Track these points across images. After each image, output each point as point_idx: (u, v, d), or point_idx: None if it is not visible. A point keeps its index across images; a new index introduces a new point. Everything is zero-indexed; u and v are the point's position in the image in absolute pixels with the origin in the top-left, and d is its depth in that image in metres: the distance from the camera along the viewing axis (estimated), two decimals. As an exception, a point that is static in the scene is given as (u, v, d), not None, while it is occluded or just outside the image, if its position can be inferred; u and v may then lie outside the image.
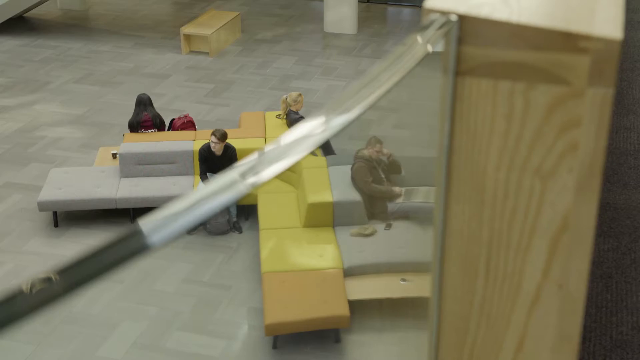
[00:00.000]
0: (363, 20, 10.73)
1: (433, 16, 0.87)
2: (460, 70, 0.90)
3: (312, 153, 5.99)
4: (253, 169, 0.60)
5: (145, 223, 0.54)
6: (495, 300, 0.97)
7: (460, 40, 0.88)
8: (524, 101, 0.90)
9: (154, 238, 0.53)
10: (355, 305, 4.81)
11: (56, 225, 6.16)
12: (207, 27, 9.85)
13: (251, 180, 0.59)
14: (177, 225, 0.54)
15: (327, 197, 5.62)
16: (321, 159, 6.30)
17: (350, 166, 5.73)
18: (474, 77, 0.90)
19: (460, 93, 0.92)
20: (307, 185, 5.81)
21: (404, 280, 4.96)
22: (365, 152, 5.69)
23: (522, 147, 0.91)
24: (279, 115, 6.99)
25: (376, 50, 9.90)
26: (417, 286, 4.94)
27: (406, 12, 11.70)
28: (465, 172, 0.94)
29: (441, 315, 1.02)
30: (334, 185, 5.74)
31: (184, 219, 0.55)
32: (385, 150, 5.74)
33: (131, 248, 0.53)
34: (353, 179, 5.67)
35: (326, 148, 6.21)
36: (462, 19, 0.87)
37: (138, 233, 0.53)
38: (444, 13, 0.87)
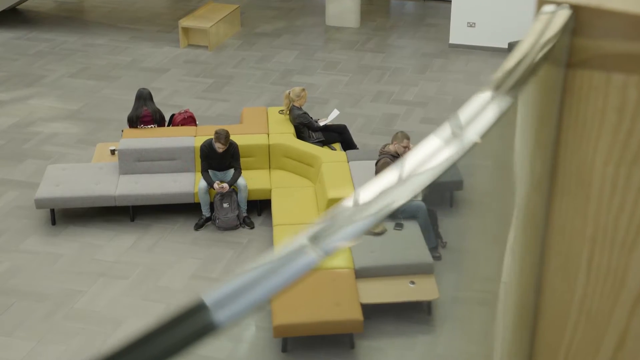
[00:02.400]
0: (366, 14, 10.58)
1: (548, 7, 0.86)
2: (571, 62, 0.88)
3: (331, 147, 5.77)
4: (328, 233, 0.53)
5: (210, 297, 0.47)
6: (596, 298, 0.96)
7: (574, 31, 0.87)
8: (637, 94, 0.87)
9: (221, 316, 0.46)
10: (368, 309, 4.68)
11: (54, 223, 6.01)
12: (206, 20, 9.68)
13: (327, 244, 0.52)
14: (245, 300, 0.48)
15: (349, 192, 5.53)
16: (341, 153, 6.21)
17: (374, 161, 5.70)
18: (585, 70, 0.88)
19: (570, 86, 0.90)
20: (326, 180, 5.73)
21: (412, 282, 4.85)
22: (391, 147, 5.66)
23: (633, 141, 0.89)
24: (282, 110, 6.84)
25: (379, 44, 9.77)
26: (426, 289, 4.84)
27: (409, 5, 11.57)
28: (572, 166, 0.93)
29: (538, 313, 1.01)
30: (357, 181, 5.69)
31: (253, 293, 0.49)
32: (412, 146, 5.71)
33: (195, 327, 0.45)
34: (377, 174, 5.61)
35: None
36: (577, 9, 0.85)
37: (203, 309, 0.46)
38: (558, 3, 0.85)
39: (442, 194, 6.02)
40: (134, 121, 6.69)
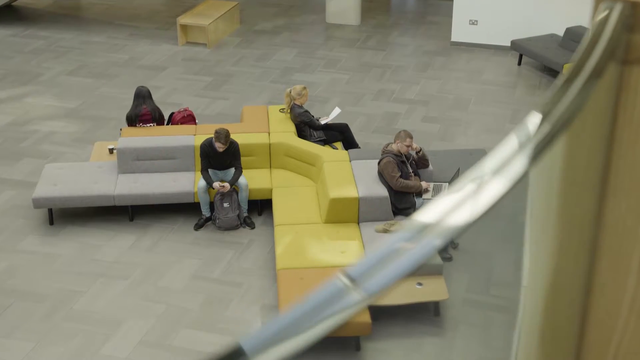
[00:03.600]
0: (366, 11, 10.51)
1: (605, 4, 0.84)
2: (628, 59, 0.86)
3: (332, 146, 5.67)
4: (370, 271, 0.51)
5: (247, 342, 0.47)
6: None
7: (631, 28, 0.85)
8: None
9: None
10: (376, 311, 4.61)
11: (52, 223, 5.93)
12: (205, 17, 9.60)
13: (367, 286, 0.50)
14: (284, 346, 0.47)
15: (352, 192, 5.52)
16: (343, 152, 6.16)
17: (376, 160, 5.66)
18: None
19: (626, 83, 0.88)
20: (328, 179, 5.67)
21: (419, 284, 4.79)
22: (394, 147, 5.62)
23: None
24: (283, 109, 6.77)
25: (380, 42, 9.70)
26: (435, 290, 4.77)
27: (410, 2, 11.51)
28: (625, 164, 0.91)
29: (587, 312, 1.00)
30: (359, 180, 5.65)
31: (291, 339, 0.48)
32: (414, 145, 5.66)
33: None
34: (380, 173, 5.59)
35: None
36: (635, 5, 0.84)
37: (240, 356, 0.46)
38: (615, 0, 0.84)
39: None
40: (133, 120, 6.60)
